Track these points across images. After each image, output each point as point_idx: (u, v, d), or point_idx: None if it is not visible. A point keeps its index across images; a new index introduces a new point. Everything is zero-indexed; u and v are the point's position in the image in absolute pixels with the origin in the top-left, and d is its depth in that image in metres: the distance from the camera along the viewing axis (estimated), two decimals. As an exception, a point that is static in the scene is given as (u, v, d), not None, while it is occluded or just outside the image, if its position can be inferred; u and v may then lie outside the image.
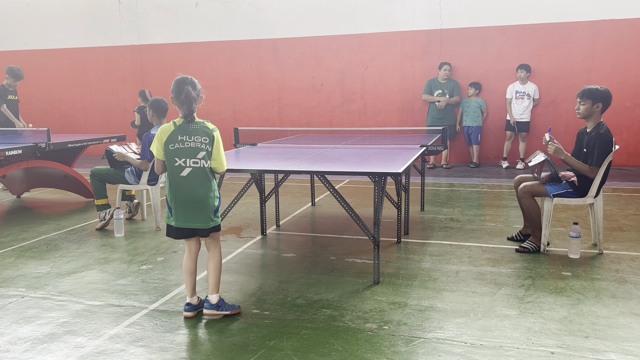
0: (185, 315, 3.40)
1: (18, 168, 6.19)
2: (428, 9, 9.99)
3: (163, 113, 5.57)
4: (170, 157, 3.26)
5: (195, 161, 3.24)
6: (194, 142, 3.23)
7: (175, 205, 3.30)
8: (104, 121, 12.17)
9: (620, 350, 2.91)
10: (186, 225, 3.31)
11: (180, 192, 3.28)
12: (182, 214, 3.29)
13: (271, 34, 10.90)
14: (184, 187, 3.26)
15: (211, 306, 3.38)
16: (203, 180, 3.27)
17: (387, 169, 3.86)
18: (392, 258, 4.56)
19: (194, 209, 3.27)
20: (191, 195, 3.26)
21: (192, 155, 3.23)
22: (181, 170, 3.25)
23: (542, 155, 4.60)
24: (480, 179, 8.55)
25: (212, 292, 3.41)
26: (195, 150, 3.23)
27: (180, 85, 3.25)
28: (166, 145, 3.25)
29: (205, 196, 3.27)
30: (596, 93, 4.43)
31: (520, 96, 9.44)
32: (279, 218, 5.80)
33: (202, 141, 3.24)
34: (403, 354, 2.90)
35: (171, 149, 3.25)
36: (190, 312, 3.40)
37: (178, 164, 3.25)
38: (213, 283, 3.42)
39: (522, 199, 4.71)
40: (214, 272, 3.42)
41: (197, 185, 3.25)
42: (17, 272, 4.34)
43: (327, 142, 6.21)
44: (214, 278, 3.42)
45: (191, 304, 3.42)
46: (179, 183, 3.27)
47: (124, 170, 5.68)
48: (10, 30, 12.43)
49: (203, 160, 3.24)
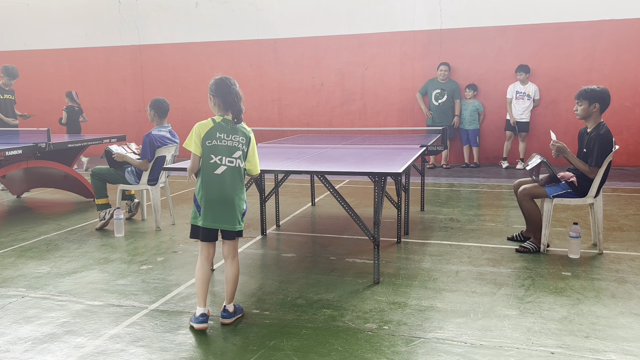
0: (199, 328, 3.20)
1: (18, 168, 6.19)
2: (428, 9, 9.99)
3: (164, 113, 5.58)
4: (206, 153, 3.19)
5: (230, 160, 3.18)
6: (232, 141, 3.18)
7: (205, 204, 3.20)
8: (104, 121, 12.17)
9: (620, 350, 2.91)
10: (213, 225, 3.21)
11: (212, 190, 3.19)
12: (210, 214, 3.20)
13: (271, 34, 10.90)
14: (217, 185, 3.18)
15: (230, 314, 3.30)
16: (236, 180, 3.22)
17: (387, 169, 3.86)
18: (392, 258, 4.56)
19: (223, 209, 3.20)
20: (223, 194, 3.18)
21: (229, 154, 3.18)
22: (216, 167, 3.18)
23: (539, 157, 4.61)
24: (480, 179, 8.55)
25: (228, 302, 3.33)
26: (233, 149, 3.19)
27: (227, 86, 3.20)
28: (204, 141, 3.18)
29: (236, 197, 3.21)
30: (592, 93, 4.43)
31: (520, 96, 9.44)
32: (279, 218, 5.80)
33: (240, 141, 3.20)
34: (403, 354, 2.90)
35: (208, 145, 3.18)
36: (206, 324, 3.22)
37: (214, 161, 3.18)
38: (230, 293, 3.33)
39: (522, 201, 4.72)
40: (232, 282, 3.32)
41: (230, 184, 3.19)
42: (17, 272, 4.34)
43: (327, 142, 6.21)
44: (232, 288, 3.33)
45: (206, 314, 3.24)
46: (213, 181, 3.19)
47: (124, 170, 5.68)
48: (10, 30, 12.43)
49: (239, 160, 3.20)
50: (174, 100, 10.81)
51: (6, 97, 8.18)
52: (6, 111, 8.13)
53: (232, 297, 3.35)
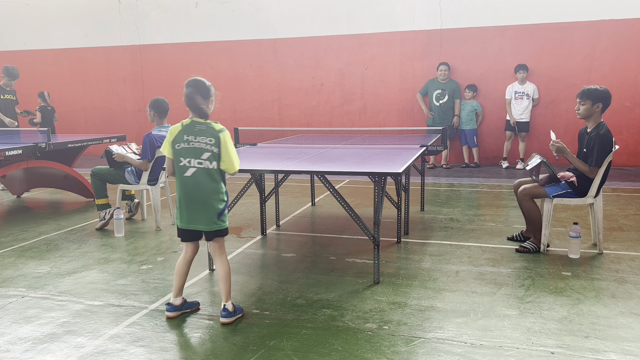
0: (167, 315, 3.38)
1: (18, 168, 6.19)
2: (428, 9, 9.99)
3: (164, 113, 5.58)
4: (176, 156, 3.27)
5: (199, 162, 3.22)
6: (199, 143, 3.22)
7: (180, 206, 3.31)
8: (104, 121, 12.17)
9: (620, 350, 2.91)
10: (189, 226, 3.30)
11: (184, 192, 3.28)
12: (186, 215, 3.29)
13: (271, 34, 10.90)
14: (188, 187, 3.26)
15: (229, 314, 3.31)
16: (207, 181, 3.24)
17: (387, 169, 3.86)
18: (392, 258, 4.56)
19: (196, 210, 3.26)
20: (194, 196, 3.25)
21: (196, 156, 3.22)
22: (185, 170, 3.25)
23: (539, 157, 4.61)
24: (480, 179, 8.55)
25: (226, 300, 3.34)
26: (200, 150, 3.22)
27: (192, 89, 3.27)
28: (173, 144, 3.28)
29: (208, 197, 3.25)
30: (596, 93, 4.42)
31: (519, 96, 9.44)
32: (279, 218, 5.80)
33: (208, 142, 3.22)
34: (403, 354, 2.90)
35: (177, 149, 3.26)
36: (171, 313, 3.38)
37: (183, 163, 3.25)
38: (225, 291, 3.34)
39: (522, 201, 4.72)
40: (224, 279, 3.34)
41: (200, 185, 3.24)
42: (17, 272, 4.34)
43: (327, 142, 6.21)
44: (225, 286, 3.34)
45: (172, 304, 3.40)
46: (184, 183, 3.27)
47: (124, 170, 5.69)
48: (10, 30, 12.43)
49: (207, 162, 3.22)
50: (174, 100, 10.79)
51: (7, 98, 8.17)
52: (6, 111, 8.13)
53: (227, 294, 3.35)
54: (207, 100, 3.32)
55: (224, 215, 3.34)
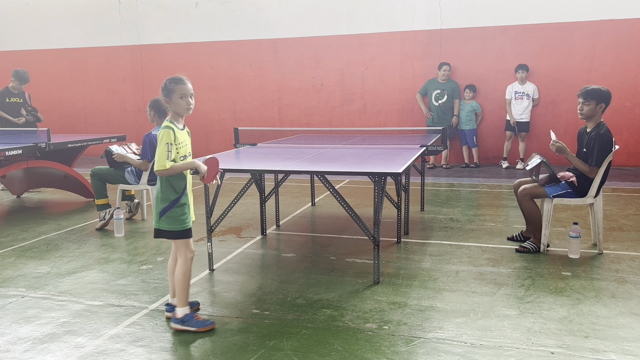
0: (167, 316, 3.40)
1: (18, 168, 6.19)
2: (428, 9, 9.99)
3: (164, 113, 5.58)
4: None
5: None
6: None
7: None
8: (104, 121, 12.17)
9: (620, 350, 2.91)
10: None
11: None
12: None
13: (271, 34, 10.90)
14: None
15: (175, 319, 3.23)
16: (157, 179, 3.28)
17: (387, 169, 3.86)
18: (392, 258, 4.56)
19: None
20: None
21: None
22: None
23: (539, 157, 4.61)
24: (480, 179, 8.55)
25: (177, 304, 3.24)
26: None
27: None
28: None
29: (156, 195, 3.27)
30: (600, 93, 4.43)
31: (519, 96, 9.44)
32: (279, 218, 5.80)
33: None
34: (403, 354, 2.90)
35: None
36: (171, 313, 3.35)
37: None
38: (177, 294, 3.26)
39: (522, 201, 4.72)
40: (177, 278, 3.25)
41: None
42: (17, 272, 4.34)
43: (327, 142, 6.21)
44: (177, 289, 3.25)
45: (172, 304, 3.40)
46: None
47: (124, 170, 5.69)
48: (10, 30, 12.42)
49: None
50: (174, 100, 10.80)
51: (13, 101, 8.16)
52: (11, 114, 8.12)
53: (179, 298, 3.24)
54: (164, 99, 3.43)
55: (166, 215, 3.18)
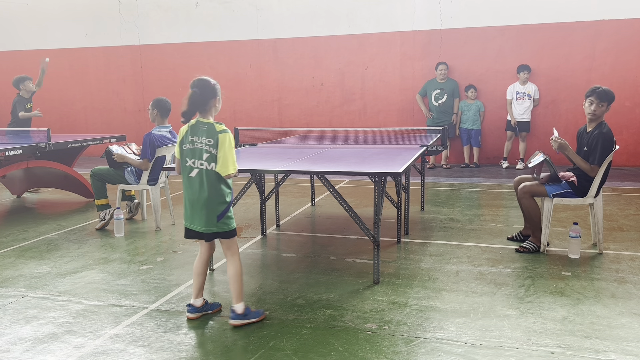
0: (188, 317, 3.37)
1: (18, 168, 6.19)
2: (428, 9, 9.99)
3: (166, 113, 5.60)
4: (182, 157, 3.28)
5: (201, 162, 3.21)
6: (200, 143, 3.21)
7: (185, 205, 3.33)
8: (104, 121, 12.17)
9: (620, 350, 2.91)
10: (190, 226, 3.30)
11: (187, 192, 3.29)
12: (188, 215, 3.30)
13: (271, 34, 10.90)
14: (190, 187, 3.25)
15: (237, 316, 3.27)
16: (207, 182, 3.21)
17: (387, 169, 3.86)
18: (392, 258, 4.56)
19: (196, 211, 3.25)
20: (195, 197, 3.23)
21: (199, 157, 3.21)
22: (190, 170, 3.24)
23: (542, 156, 4.60)
24: (480, 179, 8.55)
25: (235, 301, 3.30)
26: (201, 151, 3.21)
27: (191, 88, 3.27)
28: (180, 145, 3.29)
29: (207, 199, 3.21)
30: (613, 96, 4.46)
31: (520, 97, 9.44)
32: (279, 218, 5.80)
33: (207, 143, 3.21)
34: (403, 354, 2.90)
35: (184, 149, 3.26)
36: (192, 314, 3.36)
37: (188, 164, 3.25)
38: (234, 292, 3.30)
39: (521, 199, 4.71)
40: (232, 280, 3.30)
41: (201, 186, 3.22)
42: (17, 272, 4.34)
43: (327, 142, 6.21)
44: (234, 287, 3.30)
45: (193, 305, 3.39)
46: (187, 183, 3.27)
47: (124, 170, 5.68)
48: (10, 30, 12.43)
49: (206, 162, 3.20)
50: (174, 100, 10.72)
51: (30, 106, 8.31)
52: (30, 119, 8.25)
53: (236, 296, 3.31)
54: (213, 100, 3.32)
55: (225, 217, 3.26)
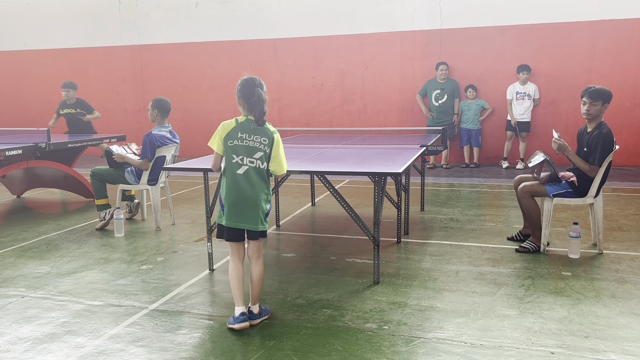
0: (242, 327, 3.20)
1: (18, 168, 6.19)
2: (428, 9, 9.99)
3: (167, 113, 5.60)
4: (229, 153, 3.22)
5: (251, 160, 3.20)
6: (253, 142, 3.20)
7: (228, 203, 3.23)
8: (104, 121, 12.10)
9: (620, 350, 2.91)
10: (237, 224, 3.23)
11: (234, 190, 3.22)
12: (233, 213, 3.22)
13: (271, 34, 10.90)
14: (239, 184, 3.21)
15: (255, 316, 3.30)
16: (258, 180, 3.22)
17: (387, 169, 3.86)
18: (392, 258, 4.56)
19: (245, 208, 3.21)
20: (245, 194, 3.20)
21: (250, 154, 3.19)
22: (238, 167, 3.20)
23: (542, 155, 4.60)
24: (480, 179, 8.55)
25: (255, 302, 3.34)
26: (253, 149, 3.20)
27: (251, 87, 3.22)
28: (225, 141, 3.22)
29: (257, 197, 3.21)
30: (606, 93, 4.44)
31: (521, 97, 9.44)
32: (279, 218, 5.80)
33: (262, 142, 3.20)
34: (403, 354, 2.90)
35: (230, 145, 3.21)
36: (246, 323, 3.23)
37: (235, 160, 3.20)
38: (256, 294, 3.34)
39: (521, 199, 4.71)
40: (257, 283, 3.32)
41: (252, 184, 3.20)
42: (17, 272, 4.34)
43: (327, 142, 6.21)
44: (257, 289, 3.33)
45: (245, 313, 3.26)
46: (235, 180, 3.21)
47: (124, 170, 5.68)
48: (10, 30, 12.43)
49: (259, 161, 3.20)
50: (174, 100, 10.73)
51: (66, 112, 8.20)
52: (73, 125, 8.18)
53: (257, 298, 3.34)
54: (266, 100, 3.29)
55: (268, 216, 3.32)
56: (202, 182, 4.89)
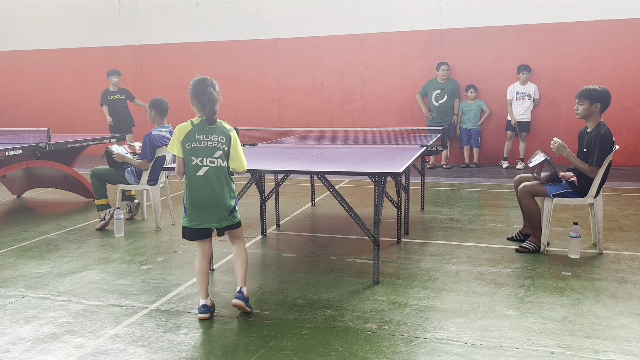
0: (202, 317, 3.35)
1: (18, 168, 6.19)
2: (428, 9, 9.99)
3: (164, 112, 5.60)
4: (187, 155, 3.24)
5: (212, 160, 3.22)
6: (211, 141, 3.21)
7: (190, 205, 3.26)
8: (104, 121, 12.13)
9: (620, 350, 2.91)
10: (201, 225, 3.28)
11: (196, 192, 3.24)
12: (197, 214, 3.26)
13: (271, 34, 10.90)
14: (200, 186, 3.23)
15: (244, 297, 3.39)
16: (218, 180, 3.24)
17: (387, 169, 3.86)
18: (392, 258, 4.56)
19: (209, 209, 3.24)
20: (207, 195, 3.23)
21: (209, 155, 3.21)
22: (198, 169, 3.23)
23: (542, 155, 4.60)
24: (480, 179, 8.55)
25: (243, 283, 3.42)
26: (212, 149, 3.22)
27: (202, 87, 3.24)
28: (183, 143, 3.23)
29: (221, 196, 3.25)
30: (594, 93, 4.43)
31: (521, 97, 9.44)
32: (279, 218, 5.80)
33: (219, 140, 3.22)
34: (403, 354, 2.90)
35: (188, 148, 3.23)
36: (206, 314, 3.36)
37: (195, 162, 3.22)
38: (243, 275, 3.43)
39: (521, 198, 4.71)
40: (242, 264, 3.44)
41: (213, 184, 3.23)
42: (17, 272, 4.34)
43: (327, 142, 6.21)
44: (243, 270, 3.44)
45: (207, 305, 3.39)
46: (196, 182, 3.24)
47: (124, 170, 5.68)
48: (10, 30, 12.42)
49: (220, 160, 3.23)
50: (174, 100, 10.75)
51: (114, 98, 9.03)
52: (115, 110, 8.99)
53: (244, 279, 3.44)
54: (219, 100, 3.32)
55: (235, 210, 3.38)
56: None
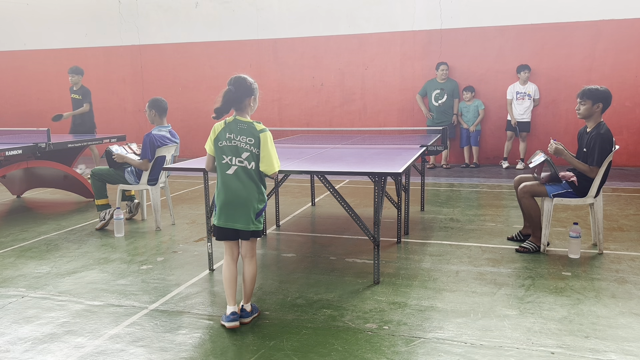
0: (231, 326, 3.23)
1: (18, 168, 6.18)
2: (428, 9, 9.99)
3: (164, 112, 5.60)
4: (219, 154, 3.25)
5: (240, 160, 3.21)
6: (239, 142, 3.21)
7: (219, 203, 3.26)
8: (104, 121, 12.14)
9: (620, 350, 2.91)
10: (227, 224, 3.24)
11: (225, 190, 3.24)
12: (224, 213, 3.24)
13: (271, 34, 10.90)
14: (230, 184, 3.23)
15: (247, 314, 3.33)
16: (247, 180, 3.22)
17: (387, 169, 3.86)
18: (392, 258, 4.56)
19: (236, 208, 3.22)
20: (234, 194, 3.21)
21: (237, 154, 3.21)
22: (228, 167, 3.23)
23: (543, 155, 4.60)
24: (480, 179, 8.55)
25: (247, 301, 3.37)
26: (240, 149, 3.21)
27: (229, 86, 3.26)
28: (215, 142, 3.26)
29: (248, 197, 3.22)
30: (596, 93, 4.43)
31: (521, 97, 9.44)
32: (279, 218, 5.80)
33: (247, 142, 3.21)
34: (403, 354, 2.90)
35: (219, 146, 3.24)
36: (235, 322, 3.25)
37: (225, 161, 3.23)
38: (249, 293, 3.36)
39: (522, 199, 4.72)
40: (250, 281, 3.35)
41: (242, 184, 3.22)
42: (17, 272, 4.34)
43: (327, 142, 6.21)
44: (250, 288, 3.36)
45: (236, 312, 3.28)
46: (226, 180, 3.24)
47: (124, 170, 5.68)
48: (10, 30, 12.42)
49: (246, 161, 3.21)
50: (174, 100, 10.80)
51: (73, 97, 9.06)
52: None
53: (249, 296, 3.37)
54: (248, 99, 3.32)
55: (261, 216, 3.31)
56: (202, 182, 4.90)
